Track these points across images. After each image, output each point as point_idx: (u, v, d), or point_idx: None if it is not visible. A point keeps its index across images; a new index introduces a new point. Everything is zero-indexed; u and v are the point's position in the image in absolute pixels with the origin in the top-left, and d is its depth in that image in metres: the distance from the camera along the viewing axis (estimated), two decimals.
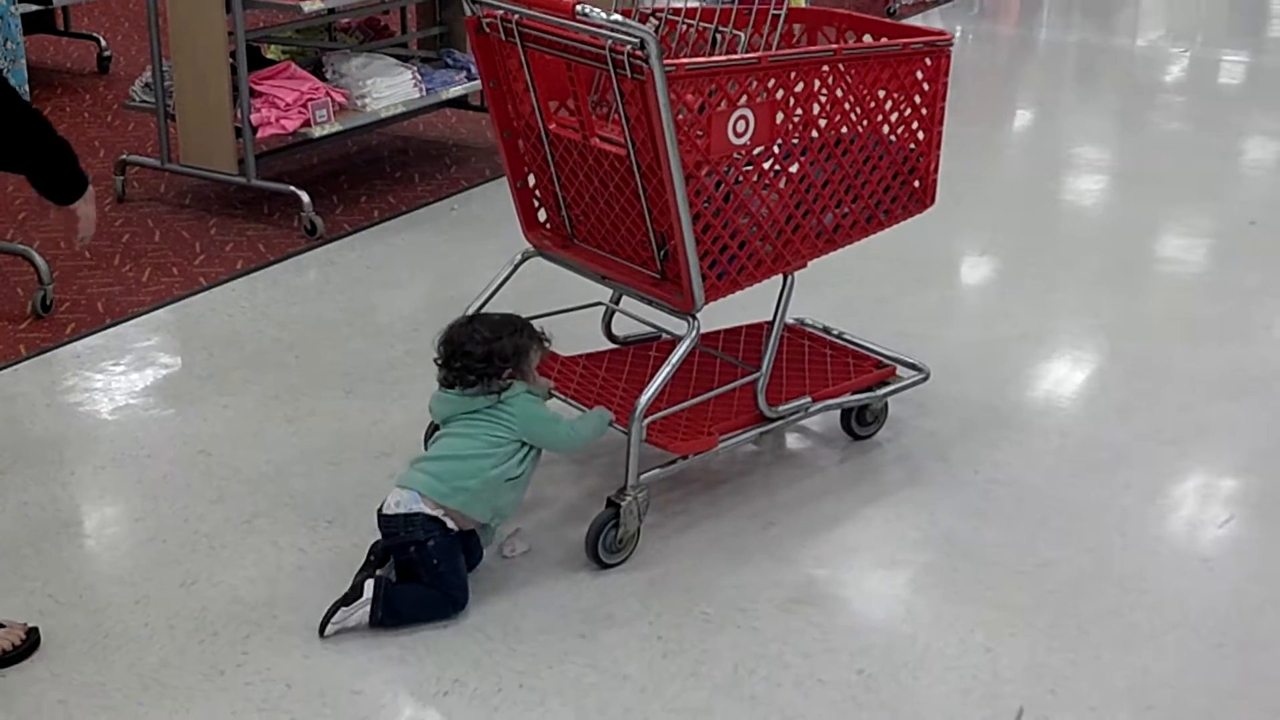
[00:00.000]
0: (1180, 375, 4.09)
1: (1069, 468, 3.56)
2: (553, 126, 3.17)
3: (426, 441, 3.29)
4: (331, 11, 5.70)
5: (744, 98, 2.95)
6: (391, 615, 2.80)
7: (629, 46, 2.78)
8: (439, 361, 2.96)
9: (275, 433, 3.65)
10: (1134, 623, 2.94)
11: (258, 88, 5.07)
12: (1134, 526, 3.31)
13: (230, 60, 4.97)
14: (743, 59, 3.01)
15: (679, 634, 2.86)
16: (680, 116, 2.85)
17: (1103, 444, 3.68)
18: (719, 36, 3.37)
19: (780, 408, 3.29)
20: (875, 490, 3.42)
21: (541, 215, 3.43)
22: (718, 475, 3.42)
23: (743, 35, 3.35)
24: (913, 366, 3.59)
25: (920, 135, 3.30)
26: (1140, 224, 5.37)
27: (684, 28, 3.40)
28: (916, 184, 3.36)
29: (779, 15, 3.34)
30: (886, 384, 3.54)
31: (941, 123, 3.30)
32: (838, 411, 3.55)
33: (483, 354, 2.90)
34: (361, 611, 2.80)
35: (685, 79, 2.84)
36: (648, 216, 3.06)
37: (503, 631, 2.86)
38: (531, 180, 3.37)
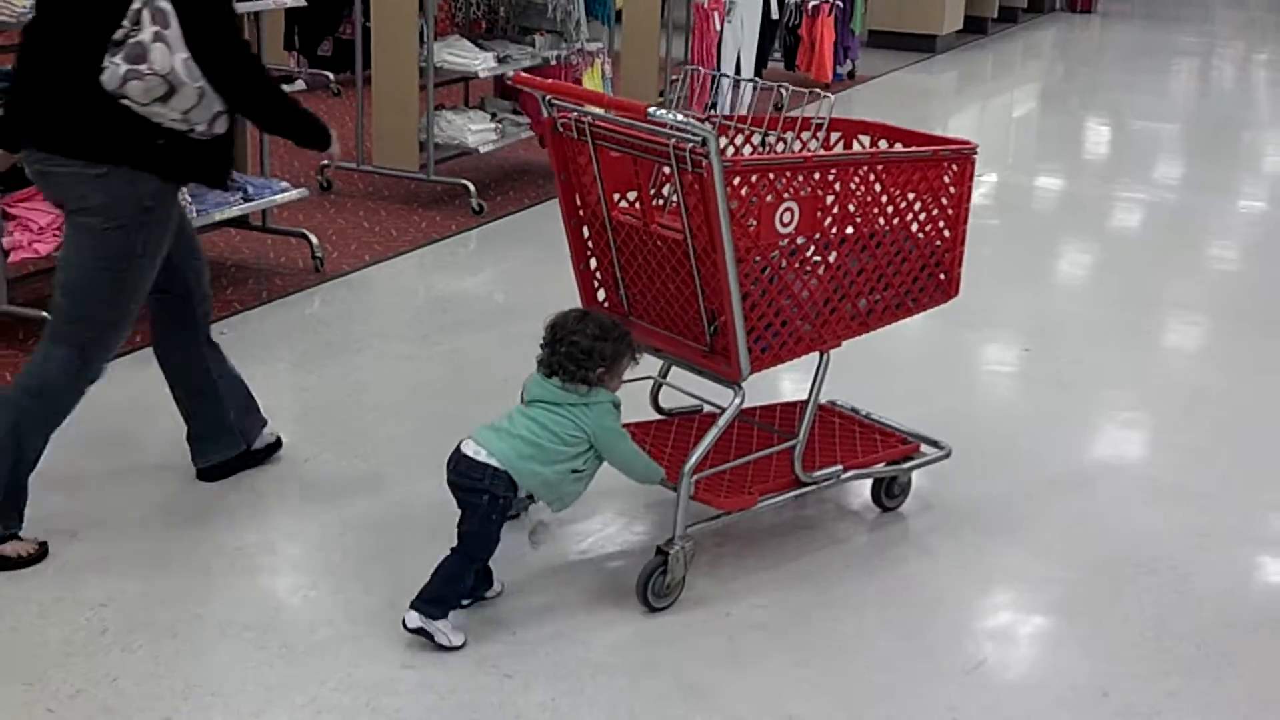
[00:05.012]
0: None
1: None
2: (616, 214, 3.47)
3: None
4: None
5: (790, 192, 3.26)
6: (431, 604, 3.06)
7: (691, 144, 3.09)
8: (544, 343, 3.16)
9: None
10: None
11: (12, 210, 4.72)
12: None
13: None
14: (791, 158, 3.37)
15: None
16: (734, 206, 3.14)
17: None
18: (767, 140, 3.75)
19: (814, 474, 3.55)
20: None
21: (600, 295, 3.71)
22: None
23: (789, 139, 3.70)
24: (934, 444, 3.85)
25: (946, 233, 3.62)
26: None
27: (733, 131, 3.76)
28: (942, 276, 3.68)
29: (821, 124, 3.74)
30: (911, 459, 3.83)
31: (966, 221, 3.61)
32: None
33: (586, 347, 3.10)
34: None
35: (740, 173, 3.16)
36: (700, 295, 3.35)
37: None
38: (593, 263, 3.65)
